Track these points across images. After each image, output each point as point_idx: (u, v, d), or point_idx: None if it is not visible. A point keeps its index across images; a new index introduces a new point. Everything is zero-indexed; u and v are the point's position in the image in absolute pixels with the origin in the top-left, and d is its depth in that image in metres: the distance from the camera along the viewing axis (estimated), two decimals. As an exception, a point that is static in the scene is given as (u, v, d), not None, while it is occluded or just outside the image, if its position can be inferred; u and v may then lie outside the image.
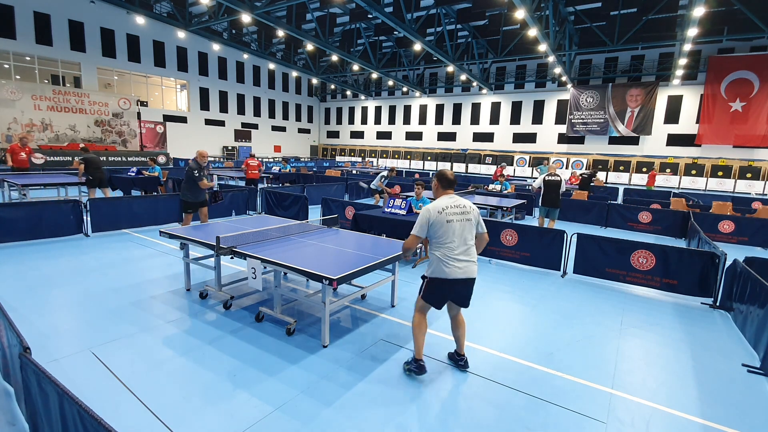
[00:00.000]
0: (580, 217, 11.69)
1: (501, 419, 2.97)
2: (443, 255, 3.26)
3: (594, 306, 5.34)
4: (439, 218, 3.23)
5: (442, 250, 3.27)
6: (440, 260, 3.27)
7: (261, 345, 3.90)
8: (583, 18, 22.14)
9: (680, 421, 3.05)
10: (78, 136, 22.53)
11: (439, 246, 3.29)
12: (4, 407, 2.84)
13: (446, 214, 3.25)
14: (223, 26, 29.76)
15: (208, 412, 2.91)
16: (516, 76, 31.41)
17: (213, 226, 5.71)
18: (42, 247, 7.01)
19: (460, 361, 3.63)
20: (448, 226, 3.24)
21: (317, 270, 3.66)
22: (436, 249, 3.30)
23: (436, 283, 3.32)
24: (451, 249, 3.25)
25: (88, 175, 9.40)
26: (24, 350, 2.25)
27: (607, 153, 28.84)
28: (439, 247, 3.28)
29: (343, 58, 27.38)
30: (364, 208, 8.43)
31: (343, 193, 14.90)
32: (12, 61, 22.08)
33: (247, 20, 23.88)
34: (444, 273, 3.26)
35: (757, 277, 4.49)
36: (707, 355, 4.11)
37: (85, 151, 9.83)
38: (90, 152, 9.94)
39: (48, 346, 3.73)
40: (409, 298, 5.32)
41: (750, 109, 23.82)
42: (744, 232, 9.76)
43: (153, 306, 4.75)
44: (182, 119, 30.37)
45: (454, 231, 3.25)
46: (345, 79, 37.10)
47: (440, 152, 35.77)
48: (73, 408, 1.74)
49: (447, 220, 3.24)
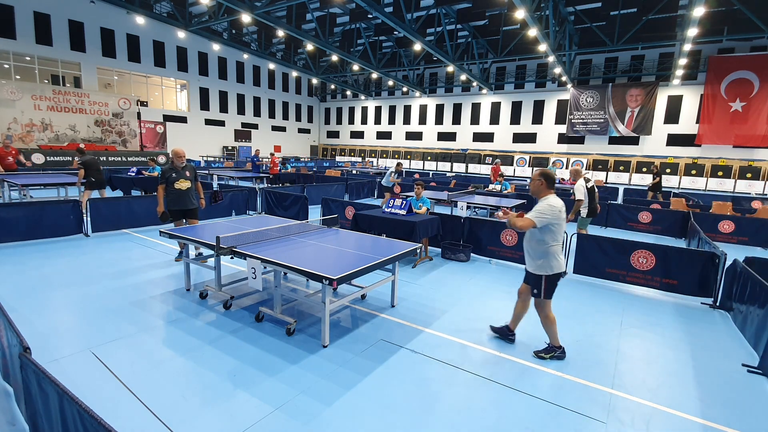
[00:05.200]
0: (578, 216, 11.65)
1: (501, 419, 2.97)
2: (558, 250, 3.70)
3: (594, 306, 5.34)
4: (561, 216, 3.63)
5: (557, 246, 3.68)
6: (555, 256, 3.68)
7: (261, 345, 3.90)
8: (583, 18, 22.12)
9: (680, 421, 3.05)
10: (78, 136, 22.51)
11: (555, 242, 3.66)
12: (4, 407, 2.84)
13: (562, 212, 3.65)
14: (223, 26, 29.75)
15: (208, 412, 2.91)
16: (516, 76, 31.39)
17: (213, 226, 5.70)
18: (42, 247, 7.01)
19: (510, 334, 4.15)
20: (563, 224, 3.69)
21: (317, 270, 3.66)
22: (553, 245, 3.66)
23: (557, 277, 3.73)
24: (559, 245, 3.71)
25: (90, 177, 9.35)
26: (24, 350, 2.25)
27: (607, 153, 28.83)
28: (555, 242, 3.66)
29: (343, 58, 27.37)
30: (364, 208, 8.43)
31: (343, 193, 14.89)
32: (12, 61, 22.07)
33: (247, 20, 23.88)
34: (562, 266, 3.73)
35: (757, 277, 4.49)
36: (707, 355, 4.11)
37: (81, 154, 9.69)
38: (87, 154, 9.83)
39: (48, 346, 3.73)
40: (409, 298, 5.32)
41: (750, 109, 23.81)
42: (744, 232, 9.76)
43: (153, 306, 4.75)
44: (182, 119, 30.36)
45: (563, 229, 3.73)
46: (345, 79, 37.08)
47: (440, 152, 35.76)
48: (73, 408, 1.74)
49: (563, 218, 3.66)
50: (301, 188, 12.63)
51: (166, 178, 6.14)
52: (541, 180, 3.74)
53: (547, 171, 3.75)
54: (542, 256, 3.67)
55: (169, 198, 6.23)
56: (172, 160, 6.31)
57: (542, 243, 3.65)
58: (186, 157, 6.40)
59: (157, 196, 6.18)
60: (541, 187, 3.75)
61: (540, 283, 3.72)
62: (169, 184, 6.16)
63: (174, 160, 6.26)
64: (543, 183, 3.73)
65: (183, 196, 6.27)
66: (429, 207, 7.55)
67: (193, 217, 6.47)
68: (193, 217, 6.48)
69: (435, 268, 6.74)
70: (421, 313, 4.85)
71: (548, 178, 3.72)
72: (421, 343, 4.09)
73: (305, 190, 12.43)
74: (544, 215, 3.54)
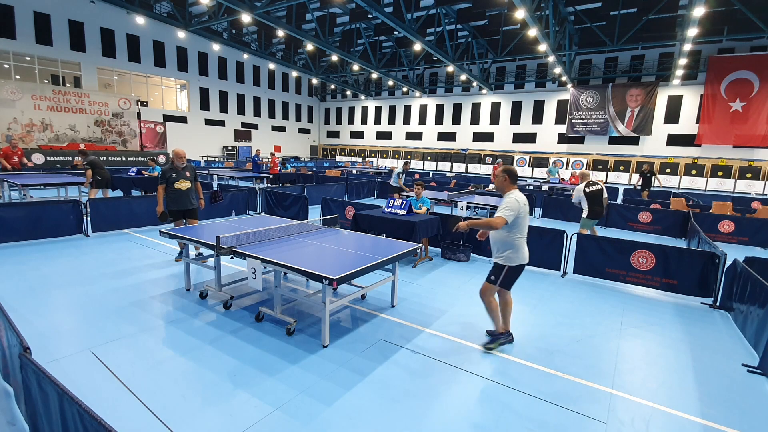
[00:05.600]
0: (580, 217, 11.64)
1: (501, 419, 2.97)
2: (522, 243, 3.86)
3: (594, 306, 5.34)
4: (525, 210, 3.80)
5: (522, 239, 3.86)
6: (520, 248, 3.84)
7: (261, 345, 3.90)
8: (583, 18, 22.12)
9: (680, 421, 3.05)
10: (78, 136, 22.50)
11: (521, 234, 3.84)
12: (4, 407, 2.84)
13: (526, 206, 3.83)
14: (223, 26, 29.74)
15: (208, 412, 2.91)
16: (516, 76, 31.39)
17: (213, 226, 5.70)
18: (42, 247, 7.01)
19: (509, 336, 4.18)
20: (527, 218, 3.87)
21: (317, 270, 3.66)
22: (518, 237, 3.83)
23: (518, 269, 3.91)
24: (524, 237, 3.89)
25: (96, 176, 9.59)
26: (24, 350, 2.25)
27: (607, 153, 28.82)
28: (521, 235, 3.84)
29: (343, 58, 27.36)
30: (364, 208, 8.43)
31: (343, 193, 14.89)
32: (12, 61, 22.07)
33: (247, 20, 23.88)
34: (524, 258, 3.88)
35: (757, 277, 4.49)
36: (707, 355, 4.11)
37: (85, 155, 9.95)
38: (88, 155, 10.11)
39: (48, 346, 3.73)
40: (409, 298, 5.32)
41: (750, 109, 23.80)
42: (744, 232, 9.76)
43: (153, 306, 4.75)
44: (182, 119, 30.35)
45: (527, 222, 3.89)
46: (345, 79, 37.07)
47: (440, 152, 35.75)
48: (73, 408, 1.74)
49: (526, 212, 3.84)
50: (301, 188, 12.62)
51: (167, 179, 6.18)
52: (505, 176, 3.91)
53: (510, 167, 3.94)
54: (509, 247, 3.85)
55: (170, 198, 6.26)
56: (172, 160, 6.35)
57: (509, 235, 3.83)
58: (186, 158, 6.41)
59: (157, 195, 6.21)
60: (505, 183, 3.92)
61: (501, 272, 3.90)
62: (169, 185, 6.20)
63: (174, 160, 6.30)
64: (506, 179, 3.91)
65: (183, 197, 6.31)
66: (429, 207, 7.55)
67: (193, 218, 6.50)
68: (193, 218, 6.51)
69: (435, 268, 6.74)
70: (421, 313, 4.85)
71: (511, 174, 3.90)
72: (421, 343, 4.09)
73: (305, 190, 12.43)
74: (512, 210, 3.71)
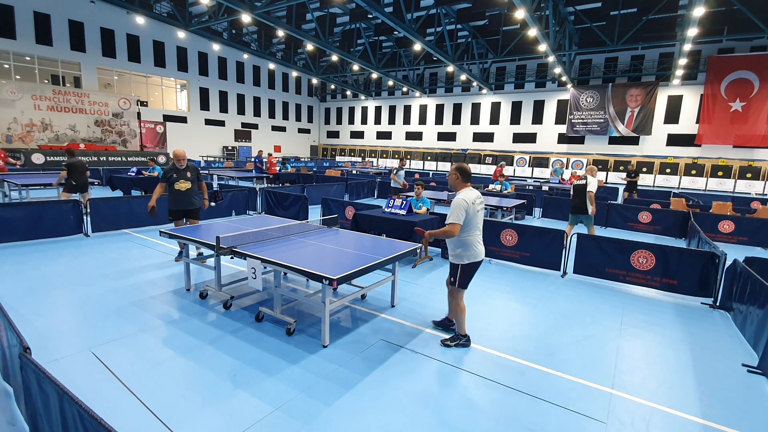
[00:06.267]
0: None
1: (501, 419, 2.97)
2: (474, 240, 3.84)
3: (594, 306, 5.34)
4: (475, 207, 3.78)
5: (474, 236, 3.84)
6: (472, 245, 3.83)
7: (261, 345, 3.90)
8: (583, 18, 22.12)
9: (680, 421, 3.05)
10: (78, 136, 22.51)
11: (471, 232, 3.82)
12: (4, 407, 2.84)
13: (476, 204, 3.81)
14: (223, 26, 29.74)
15: (208, 412, 2.91)
16: (516, 76, 31.39)
17: (213, 226, 5.70)
18: (42, 247, 7.01)
19: (451, 325, 4.27)
20: (478, 214, 3.85)
21: (317, 270, 3.66)
22: (469, 234, 3.81)
23: (472, 266, 3.90)
24: (477, 234, 3.88)
25: (71, 180, 8.92)
26: (24, 350, 2.25)
27: (607, 153, 28.82)
28: (471, 233, 3.83)
29: (343, 58, 27.37)
30: (364, 208, 8.43)
31: (343, 193, 14.89)
32: (12, 61, 22.07)
33: (247, 20, 23.87)
34: (477, 255, 3.88)
35: (757, 277, 4.49)
36: (707, 355, 4.11)
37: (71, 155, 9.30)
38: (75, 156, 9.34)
39: (48, 346, 3.73)
40: (409, 298, 5.32)
41: (750, 109, 23.80)
42: (744, 232, 9.76)
43: (153, 306, 4.75)
44: (182, 119, 30.36)
45: (480, 219, 3.89)
46: (345, 79, 37.07)
47: (440, 152, 35.75)
48: (73, 408, 1.74)
49: (477, 210, 3.82)
50: (301, 188, 12.62)
51: (167, 179, 6.22)
52: (457, 174, 3.90)
53: (463, 165, 3.93)
54: (459, 245, 3.85)
55: (170, 198, 6.29)
56: (173, 161, 6.38)
57: (459, 235, 3.80)
58: (187, 159, 6.42)
59: (154, 192, 6.24)
60: (457, 181, 3.91)
61: (456, 272, 3.90)
62: (170, 185, 6.23)
63: (175, 162, 6.31)
64: (458, 177, 3.90)
65: (184, 197, 6.33)
66: (429, 207, 7.55)
67: (194, 218, 6.51)
68: (194, 218, 6.52)
69: (435, 268, 6.74)
70: (421, 313, 4.85)
71: (463, 173, 3.89)
72: (421, 343, 4.09)
73: (305, 190, 12.43)
74: (460, 211, 3.70)
